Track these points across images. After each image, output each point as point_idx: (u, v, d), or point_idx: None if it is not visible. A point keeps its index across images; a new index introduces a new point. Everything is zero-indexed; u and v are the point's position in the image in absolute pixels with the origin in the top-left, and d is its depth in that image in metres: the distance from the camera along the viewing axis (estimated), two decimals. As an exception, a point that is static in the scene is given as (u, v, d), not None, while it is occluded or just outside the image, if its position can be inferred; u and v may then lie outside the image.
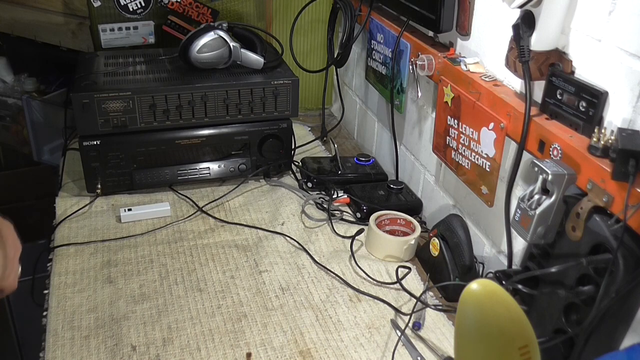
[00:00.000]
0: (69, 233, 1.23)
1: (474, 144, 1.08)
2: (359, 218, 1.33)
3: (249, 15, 1.67)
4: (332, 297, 1.10)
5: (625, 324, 0.81)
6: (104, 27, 1.54)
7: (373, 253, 1.23)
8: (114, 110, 1.27)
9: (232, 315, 1.04)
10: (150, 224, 1.27)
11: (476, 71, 1.08)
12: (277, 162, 1.46)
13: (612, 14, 0.80)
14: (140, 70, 1.39)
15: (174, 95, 1.30)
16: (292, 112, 1.42)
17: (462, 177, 1.15)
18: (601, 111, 0.82)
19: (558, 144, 0.86)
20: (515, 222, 0.90)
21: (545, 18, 0.86)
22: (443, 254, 1.12)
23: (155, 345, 0.97)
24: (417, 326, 1.04)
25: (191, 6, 1.57)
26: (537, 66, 0.91)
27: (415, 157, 1.40)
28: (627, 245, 0.76)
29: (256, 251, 1.21)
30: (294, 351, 0.98)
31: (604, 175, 0.77)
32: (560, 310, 0.86)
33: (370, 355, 0.98)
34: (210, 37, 1.34)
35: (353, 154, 1.58)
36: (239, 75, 1.38)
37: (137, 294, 1.08)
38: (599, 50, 0.83)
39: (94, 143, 1.29)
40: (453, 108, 1.13)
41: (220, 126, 1.38)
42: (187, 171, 1.39)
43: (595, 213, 0.80)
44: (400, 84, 1.34)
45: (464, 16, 1.13)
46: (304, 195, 1.41)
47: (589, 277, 0.82)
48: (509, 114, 0.97)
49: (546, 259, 0.91)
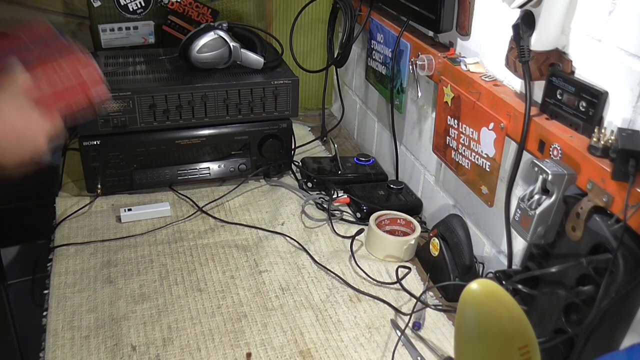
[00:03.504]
0: (69, 233, 1.23)
1: (474, 144, 1.08)
2: (359, 218, 1.33)
3: (249, 15, 1.67)
4: (332, 297, 1.10)
5: (625, 324, 0.81)
6: (104, 27, 1.54)
7: (373, 253, 1.23)
8: (114, 110, 1.27)
9: (232, 315, 1.04)
10: (150, 224, 1.27)
11: (476, 71, 1.08)
12: (277, 162, 1.46)
13: (612, 14, 0.80)
14: (140, 70, 1.39)
15: (174, 95, 1.30)
16: (292, 112, 1.42)
17: (462, 177, 1.15)
18: (601, 111, 0.82)
19: (558, 144, 0.86)
20: (515, 222, 0.90)
21: (545, 18, 0.86)
22: (443, 254, 1.12)
23: (155, 345, 0.97)
24: (417, 326, 1.04)
25: (191, 6, 1.57)
26: (537, 66, 0.91)
27: (415, 157, 1.40)
28: (627, 245, 0.76)
29: (256, 251, 1.21)
30: (294, 351, 0.98)
31: (604, 175, 0.77)
32: (560, 310, 0.86)
33: (370, 355, 0.98)
34: (210, 37, 1.34)
35: (353, 154, 1.58)
36: (239, 75, 1.38)
37: (137, 294, 1.08)
38: (599, 50, 0.83)
39: (94, 143, 1.29)
40: (453, 108, 1.13)
41: (220, 126, 1.38)
42: (187, 171, 1.39)
43: (595, 213, 0.80)
44: (400, 84, 1.34)
45: (464, 16, 1.13)
46: (304, 195, 1.41)
47: (589, 277, 0.82)
48: (509, 114, 0.97)
49: (546, 259, 0.91)
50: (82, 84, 0.90)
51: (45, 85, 0.87)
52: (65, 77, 0.88)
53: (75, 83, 0.89)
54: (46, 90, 0.86)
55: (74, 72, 0.89)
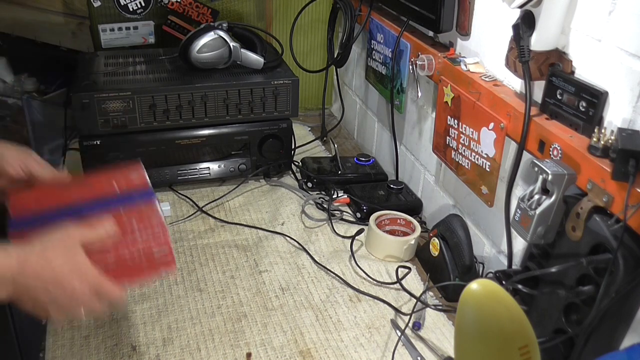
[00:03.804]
0: (69, 233, 1.23)
1: (474, 144, 1.08)
2: (359, 218, 1.33)
3: (249, 15, 1.67)
4: (332, 297, 1.10)
5: (625, 324, 0.81)
6: (104, 27, 1.54)
7: (373, 253, 1.23)
8: (114, 110, 1.27)
9: (232, 315, 1.04)
10: (150, 224, 1.27)
11: (476, 71, 1.08)
12: (277, 162, 1.46)
13: (612, 14, 0.80)
14: (140, 70, 1.39)
15: (174, 95, 1.30)
16: (292, 112, 1.42)
17: (462, 177, 1.15)
18: (601, 111, 0.82)
19: (558, 144, 0.86)
20: (515, 222, 0.90)
21: (545, 18, 0.86)
22: (443, 254, 1.12)
23: (155, 345, 0.97)
24: (417, 326, 1.04)
25: (191, 6, 1.57)
26: (537, 66, 0.91)
27: (415, 157, 1.40)
28: (627, 245, 0.76)
29: (256, 251, 1.21)
30: (294, 351, 0.98)
31: (604, 175, 0.77)
32: (560, 310, 0.86)
33: (370, 355, 0.98)
34: (210, 37, 1.34)
35: (353, 154, 1.58)
36: (239, 75, 1.38)
37: (137, 293, 1.08)
38: (599, 50, 0.83)
39: (94, 143, 1.29)
40: (453, 108, 1.13)
41: (220, 126, 1.38)
42: (187, 171, 1.39)
43: (595, 213, 0.80)
44: (400, 84, 1.34)
45: (464, 16, 1.13)
46: (304, 195, 1.41)
47: (589, 277, 0.82)
48: (509, 114, 0.97)
49: (546, 259, 0.91)
50: (151, 266, 0.80)
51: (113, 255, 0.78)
52: (136, 254, 0.79)
53: (145, 264, 0.79)
54: (110, 260, 0.78)
55: (147, 252, 0.80)
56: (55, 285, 0.73)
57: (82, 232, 0.77)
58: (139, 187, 0.95)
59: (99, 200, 0.91)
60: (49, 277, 0.72)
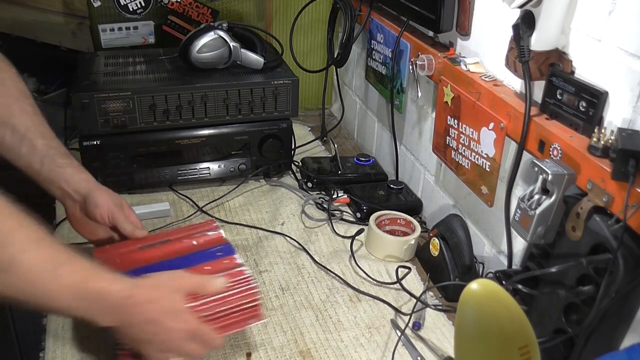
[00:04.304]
0: (69, 233, 1.23)
1: (474, 144, 1.08)
2: (359, 218, 1.33)
3: (249, 15, 1.67)
4: (332, 297, 1.10)
5: (625, 324, 0.81)
6: (104, 27, 1.54)
7: (373, 253, 1.23)
8: (114, 110, 1.27)
9: (232, 315, 1.04)
10: (151, 223, 1.27)
11: (476, 71, 1.08)
12: (277, 162, 1.45)
13: (612, 14, 0.80)
14: (140, 70, 1.39)
15: (174, 95, 1.30)
16: (292, 112, 1.42)
17: (462, 177, 1.15)
18: (601, 111, 0.82)
19: (558, 144, 0.86)
20: (515, 222, 0.90)
21: (545, 18, 0.86)
22: (443, 254, 1.12)
23: (155, 345, 0.97)
24: (417, 326, 1.04)
25: (191, 6, 1.57)
26: (537, 66, 0.91)
27: (415, 157, 1.40)
28: (627, 245, 0.76)
29: (256, 251, 1.21)
30: (294, 351, 0.98)
31: (604, 175, 0.77)
32: (560, 310, 0.86)
33: (370, 355, 0.98)
34: (210, 37, 1.34)
35: (353, 154, 1.58)
36: (239, 75, 1.38)
37: (137, 294, 1.08)
38: (599, 50, 0.83)
39: (94, 143, 1.29)
40: (453, 108, 1.13)
41: (220, 126, 1.38)
42: (187, 171, 1.39)
43: (595, 213, 0.80)
44: (400, 84, 1.34)
45: (464, 16, 1.13)
46: (304, 195, 1.41)
47: (589, 277, 0.82)
48: (509, 114, 0.97)
49: (546, 259, 0.91)
50: (241, 319, 0.87)
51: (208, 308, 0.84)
52: (228, 310, 0.86)
53: (235, 318, 0.87)
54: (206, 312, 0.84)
55: (239, 307, 0.87)
56: (153, 324, 0.77)
57: (193, 283, 0.82)
58: (217, 243, 1.00)
59: (182, 258, 0.95)
60: (148, 317, 0.77)
